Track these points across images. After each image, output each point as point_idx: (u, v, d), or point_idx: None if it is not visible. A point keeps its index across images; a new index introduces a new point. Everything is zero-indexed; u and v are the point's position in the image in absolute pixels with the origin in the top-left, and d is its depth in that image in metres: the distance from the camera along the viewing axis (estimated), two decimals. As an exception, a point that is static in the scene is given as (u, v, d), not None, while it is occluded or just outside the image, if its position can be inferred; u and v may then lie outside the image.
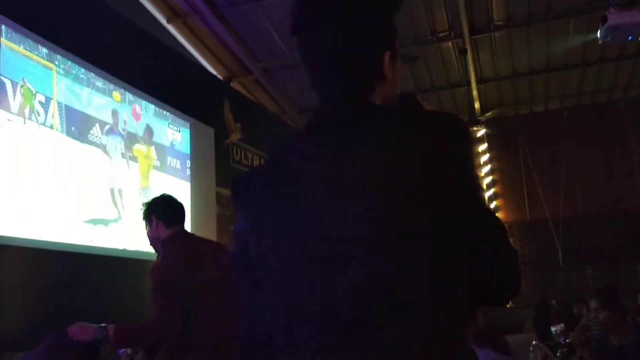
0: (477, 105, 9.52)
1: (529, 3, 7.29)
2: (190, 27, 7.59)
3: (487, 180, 10.18)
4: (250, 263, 1.03)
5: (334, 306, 0.90)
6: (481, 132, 10.13)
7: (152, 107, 5.36)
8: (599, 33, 5.40)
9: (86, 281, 4.10)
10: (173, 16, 7.34)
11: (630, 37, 5.53)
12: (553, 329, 4.07)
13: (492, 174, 10.29)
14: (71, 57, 4.39)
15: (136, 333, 2.54)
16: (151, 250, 2.81)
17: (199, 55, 8.00)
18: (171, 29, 7.45)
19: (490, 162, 10.30)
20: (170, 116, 5.63)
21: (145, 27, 5.76)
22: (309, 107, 9.74)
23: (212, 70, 8.22)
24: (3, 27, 3.85)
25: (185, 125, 5.85)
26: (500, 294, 0.99)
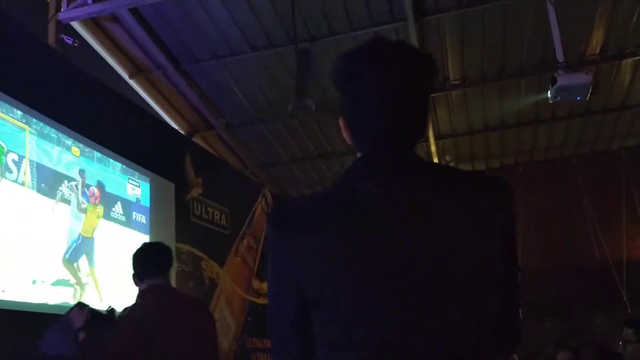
0: (436, 160, 9.75)
1: (483, 64, 7.61)
2: (152, 83, 7.64)
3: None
4: (304, 311, 0.97)
5: (435, 344, 0.92)
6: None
7: (110, 161, 5.31)
8: (549, 93, 5.63)
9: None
10: (135, 71, 7.38)
11: (578, 97, 5.77)
12: None
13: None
14: (35, 115, 4.36)
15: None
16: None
17: (161, 110, 8.02)
18: (133, 84, 7.48)
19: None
20: (130, 171, 5.58)
21: (107, 82, 5.76)
22: (270, 162, 9.80)
23: (175, 125, 8.22)
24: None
25: (145, 179, 5.80)
26: (512, 342, 1.14)
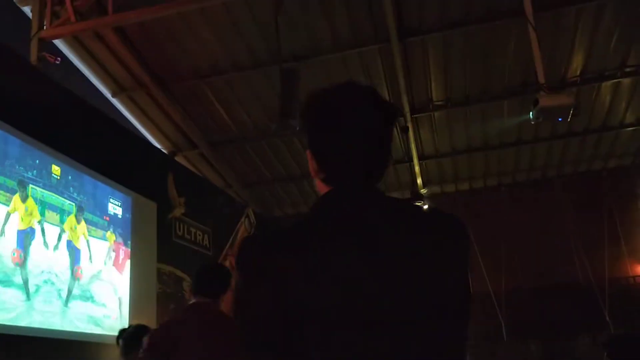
0: (420, 180, 9.76)
1: (466, 85, 7.67)
2: (135, 101, 7.58)
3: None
4: (289, 329, 0.99)
5: None
6: (425, 207, 10.29)
7: (92, 181, 5.23)
8: (532, 114, 5.67)
9: None
10: (118, 90, 7.33)
11: (560, 119, 5.82)
12: None
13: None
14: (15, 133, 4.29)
15: None
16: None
17: (144, 128, 7.96)
18: (116, 103, 7.42)
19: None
20: (111, 190, 5.50)
21: (90, 100, 5.71)
22: (254, 181, 9.75)
23: (157, 144, 8.16)
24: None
25: (126, 199, 5.71)
26: None
